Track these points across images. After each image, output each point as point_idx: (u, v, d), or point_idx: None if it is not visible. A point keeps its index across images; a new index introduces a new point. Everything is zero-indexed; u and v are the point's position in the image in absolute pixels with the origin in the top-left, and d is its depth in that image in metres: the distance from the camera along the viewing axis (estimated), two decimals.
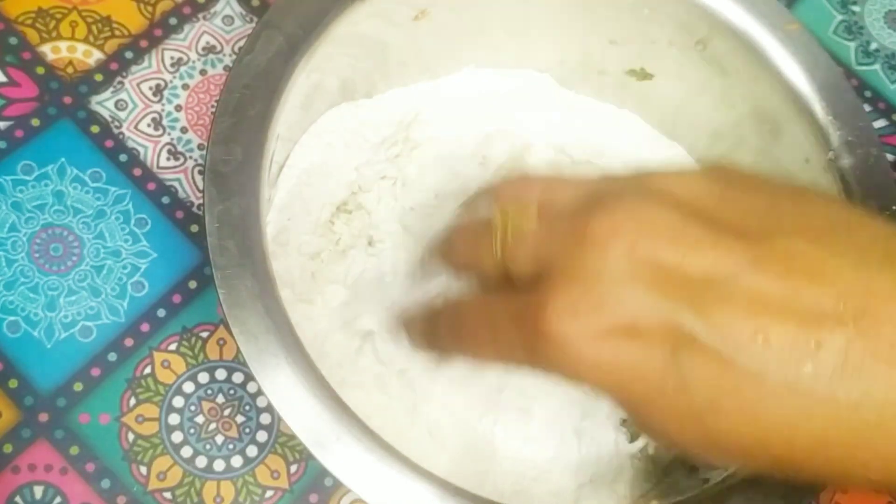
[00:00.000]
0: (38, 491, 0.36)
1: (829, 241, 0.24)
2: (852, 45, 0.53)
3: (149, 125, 0.43)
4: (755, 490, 0.32)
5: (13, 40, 0.43)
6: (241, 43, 0.45)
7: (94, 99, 0.43)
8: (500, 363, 0.28)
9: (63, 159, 0.41)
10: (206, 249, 0.31)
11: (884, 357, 0.22)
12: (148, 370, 0.39)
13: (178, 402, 0.38)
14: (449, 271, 0.32)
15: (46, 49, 0.43)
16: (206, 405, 0.39)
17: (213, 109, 0.43)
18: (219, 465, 0.38)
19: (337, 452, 0.29)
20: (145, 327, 0.39)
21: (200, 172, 0.42)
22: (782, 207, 0.25)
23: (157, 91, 0.43)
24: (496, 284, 0.28)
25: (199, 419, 0.38)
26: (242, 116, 0.33)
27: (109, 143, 0.42)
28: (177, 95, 0.44)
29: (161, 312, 0.40)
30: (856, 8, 0.54)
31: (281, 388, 0.30)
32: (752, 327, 0.23)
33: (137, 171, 0.42)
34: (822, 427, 0.23)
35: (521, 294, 0.26)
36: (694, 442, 0.24)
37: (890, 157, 0.43)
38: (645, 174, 0.27)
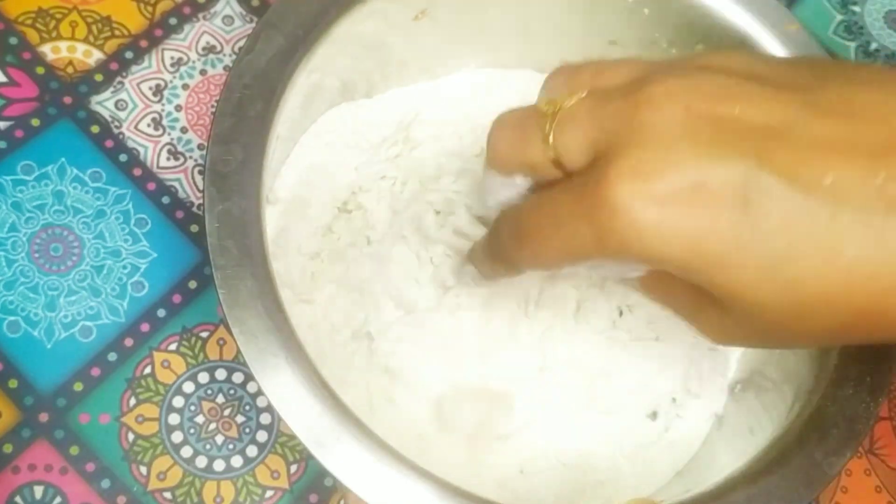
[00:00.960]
0: (38, 491, 0.36)
1: (878, 88, 0.24)
2: (852, 45, 0.53)
3: (149, 125, 0.43)
4: (755, 490, 0.32)
5: (13, 40, 0.43)
6: (241, 43, 0.45)
7: (94, 99, 0.43)
8: (568, 260, 0.26)
9: (63, 159, 0.41)
10: (206, 249, 0.31)
11: None
12: (148, 370, 0.39)
13: (178, 402, 0.38)
14: (497, 178, 0.29)
15: (46, 49, 0.43)
16: (206, 405, 0.39)
17: (213, 109, 0.43)
18: (219, 465, 0.38)
19: (337, 452, 0.29)
20: (145, 327, 0.39)
21: (200, 172, 0.42)
22: (828, 68, 0.26)
23: (157, 91, 0.43)
24: (551, 183, 0.27)
25: (199, 419, 0.38)
26: (242, 116, 0.33)
27: (109, 143, 0.42)
28: (177, 95, 0.44)
29: (161, 312, 0.40)
30: (856, 8, 0.54)
31: (281, 388, 0.30)
32: (821, 168, 0.23)
33: (137, 171, 0.42)
34: None
35: (579, 177, 0.25)
36: (771, 299, 0.24)
37: None
38: (694, 54, 0.27)
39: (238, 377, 0.39)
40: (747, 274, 0.24)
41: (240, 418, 0.39)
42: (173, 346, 0.39)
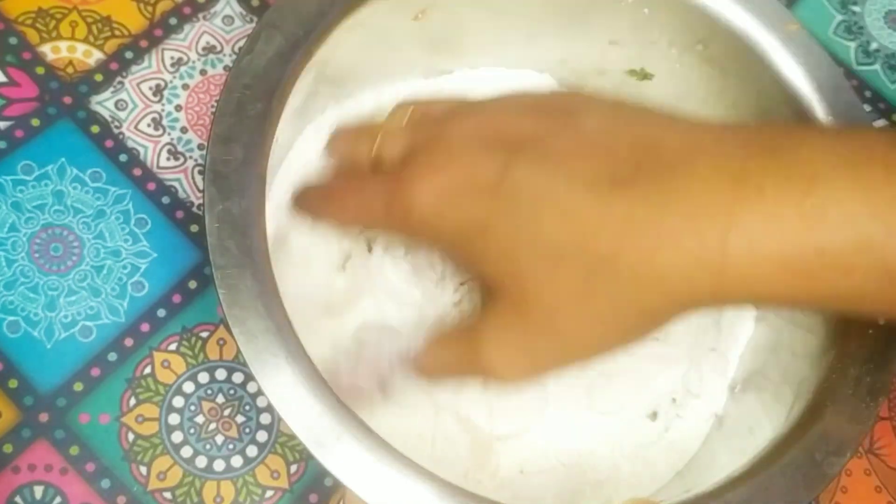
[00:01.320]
0: (38, 491, 0.36)
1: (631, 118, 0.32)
2: (852, 45, 0.53)
3: (149, 125, 0.43)
4: (755, 490, 0.32)
5: (13, 40, 0.43)
6: (241, 43, 0.45)
7: (94, 99, 0.43)
8: (360, 224, 0.36)
9: (63, 159, 0.41)
10: (207, 249, 0.31)
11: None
12: (148, 370, 0.39)
13: (178, 402, 0.38)
14: (329, 161, 0.37)
15: (46, 49, 0.43)
16: (206, 405, 0.39)
17: (213, 109, 0.43)
18: (219, 465, 0.38)
19: (337, 452, 0.29)
20: (145, 327, 0.39)
21: (200, 172, 0.42)
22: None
23: (157, 91, 0.43)
24: (364, 172, 0.34)
25: (199, 419, 0.38)
26: (242, 116, 0.33)
27: (109, 143, 0.42)
28: (177, 95, 0.44)
29: (161, 312, 0.40)
30: (856, 8, 0.54)
31: (281, 388, 0.30)
32: (560, 161, 0.29)
33: (137, 171, 0.42)
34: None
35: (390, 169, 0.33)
36: (522, 253, 0.29)
37: None
38: (498, 95, 0.34)
39: (238, 377, 0.39)
40: (506, 236, 0.29)
41: (240, 418, 0.39)
42: (173, 346, 0.39)
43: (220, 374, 0.39)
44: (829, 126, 0.38)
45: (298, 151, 0.40)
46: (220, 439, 0.38)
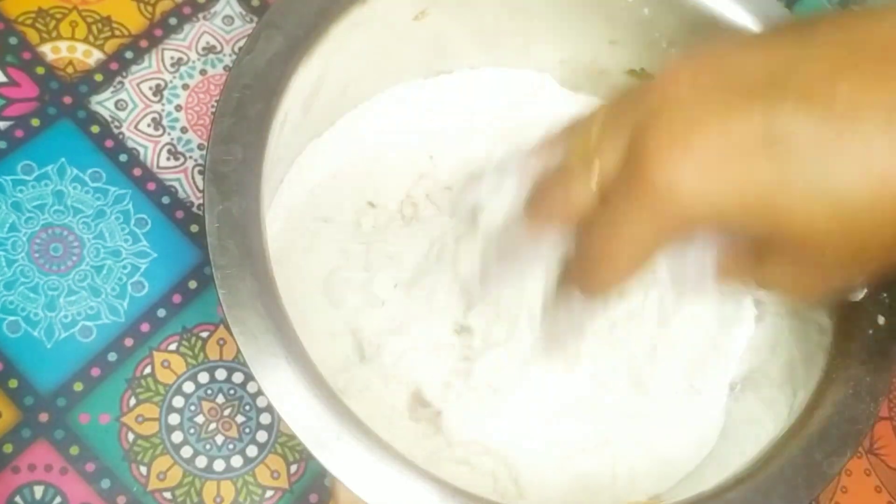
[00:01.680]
0: (39, 491, 0.36)
1: (863, 16, 0.26)
2: None
3: (149, 125, 0.43)
4: (755, 490, 0.32)
5: (13, 40, 0.43)
6: (241, 43, 0.45)
7: (94, 99, 0.43)
8: (640, 261, 0.28)
9: (63, 159, 0.41)
10: (207, 249, 0.31)
11: None
12: (148, 370, 0.39)
13: (178, 402, 0.38)
14: (541, 234, 0.31)
15: (46, 49, 0.43)
16: (206, 405, 0.39)
17: (214, 109, 0.43)
18: (219, 465, 0.38)
19: (337, 452, 0.29)
20: (145, 327, 0.39)
21: (200, 172, 0.42)
22: (811, 17, 0.28)
23: (157, 91, 0.43)
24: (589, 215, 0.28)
25: (199, 419, 0.38)
26: (242, 116, 0.33)
27: (109, 143, 0.42)
28: (177, 95, 0.44)
29: (161, 312, 0.40)
30: (855, 8, 0.54)
31: (281, 387, 0.30)
32: (829, 90, 0.24)
33: (137, 171, 0.42)
34: None
35: (618, 182, 0.27)
36: (824, 223, 0.25)
37: None
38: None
39: (238, 377, 0.39)
40: (795, 205, 0.25)
41: (240, 418, 0.39)
42: (173, 346, 0.39)
43: (220, 374, 0.39)
44: None
45: (301, 165, 0.40)
46: (220, 439, 0.38)
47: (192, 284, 0.40)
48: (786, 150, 0.24)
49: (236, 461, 0.38)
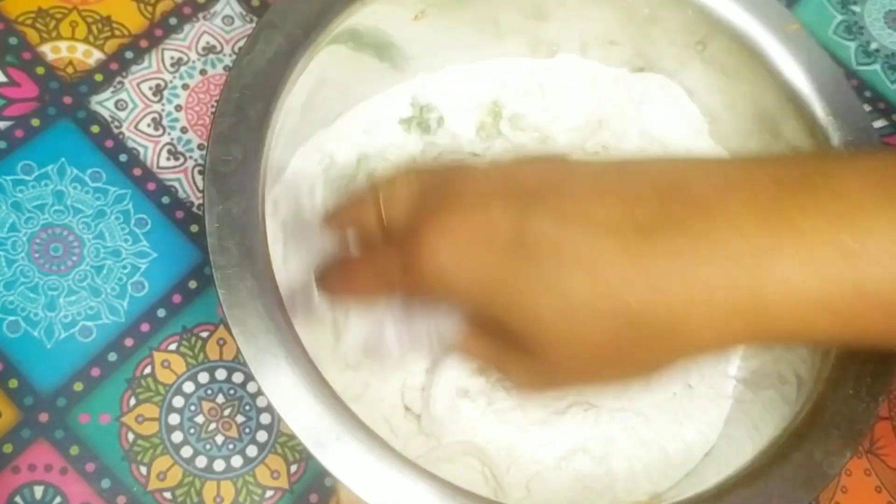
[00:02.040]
0: (38, 491, 0.36)
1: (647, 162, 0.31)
2: (852, 45, 0.53)
3: (149, 125, 0.43)
4: (755, 490, 0.32)
5: (13, 40, 0.43)
6: (241, 43, 0.45)
7: (94, 99, 0.43)
8: (383, 295, 0.33)
9: (63, 159, 0.41)
10: (206, 249, 0.31)
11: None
12: (148, 370, 0.39)
13: (178, 402, 0.38)
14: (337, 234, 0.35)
15: (46, 49, 0.43)
16: (206, 405, 0.39)
17: (214, 109, 0.43)
18: (219, 465, 0.38)
19: (337, 452, 0.29)
20: (145, 327, 0.39)
21: (200, 172, 0.42)
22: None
23: (157, 91, 0.43)
24: (375, 241, 0.33)
25: (199, 419, 0.38)
26: (243, 116, 0.33)
27: (109, 143, 0.42)
28: (177, 95, 0.44)
29: (161, 312, 0.40)
30: (856, 8, 0.54)
31: (281, 388, 0.30)
32: (584, 207, 0.28)
33: (137, 171, 0.42)
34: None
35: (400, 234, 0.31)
36: (549, 310, 0.28)
37: None
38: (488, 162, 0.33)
39: (238, 377, 0.39)
40: (528, 291, 0.28)
41: (240, 418, 0.39)
42: (173, 346, 0.39)
43: (220, 374, 0.39)
44: (855, 152, 0.37)
45: (295, 167, 0.40)
46: (220, 439, 0.38)
47: (192, 284, 0.40)
48: (531, 247, 0.28)
49: (236, 461, 0.38)
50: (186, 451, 0.38)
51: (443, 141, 0.42)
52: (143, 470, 0.37)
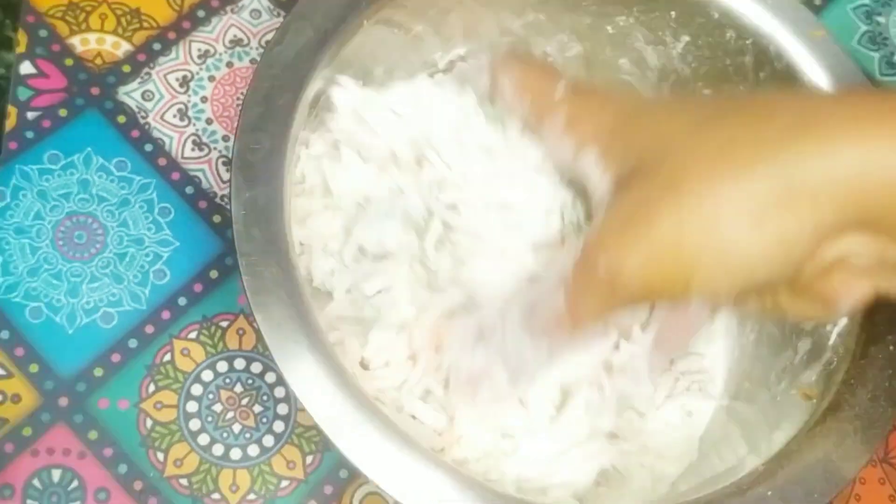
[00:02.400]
0: (56, 474, 0.36)
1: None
2: (876, 55, 0.53)
3: (174, 116, 0.43)
4: (770, 492, 0.32)
5: (43, 32, 0.43)
6: (268, 36, 0.45)
7: (122, 90, 0.43)
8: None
9: (89, 149, 0.42)
10: (228, 239, 0.31)
11: None
12: (167, 357, 0.39)
13: (197, 390, 0.39)
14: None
15: (76, 41, 0.44)
16: (224, 394, 0.39)
17: (239, 101, 0.44)
18: (235, 453, 0.38)
19: (357, 442, 0.29)
20: (166, 315, 0.40)
21: (224, 163, 0.43)
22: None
23: (184, 82, 0.44)
24: None
25: (217, 407, 0.39)
26: (271, 106, 0.33)
27: (135, 133, 0.42)
28: (203, 87, 0.44)
29: (182, 301, 0.40)
30: (880, 19, 0.54)
31: (302, 375, 0.30)
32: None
33: (162, 161, 0.42)
34: None
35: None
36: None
37: None
38: None
39: (256, 367, 0.40)
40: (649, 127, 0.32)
41: (257, 408, 0.39)
42: (193, 335, 0.39)
43: (239, 363, 0.39)
44: None
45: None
46: (237, 428, 0.38)
47: (214, 274, 0.41)
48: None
49: (253, 450, 0.38)
50: (203, 439, 0.38)
51: None
52: (160, 456, 0.37)
